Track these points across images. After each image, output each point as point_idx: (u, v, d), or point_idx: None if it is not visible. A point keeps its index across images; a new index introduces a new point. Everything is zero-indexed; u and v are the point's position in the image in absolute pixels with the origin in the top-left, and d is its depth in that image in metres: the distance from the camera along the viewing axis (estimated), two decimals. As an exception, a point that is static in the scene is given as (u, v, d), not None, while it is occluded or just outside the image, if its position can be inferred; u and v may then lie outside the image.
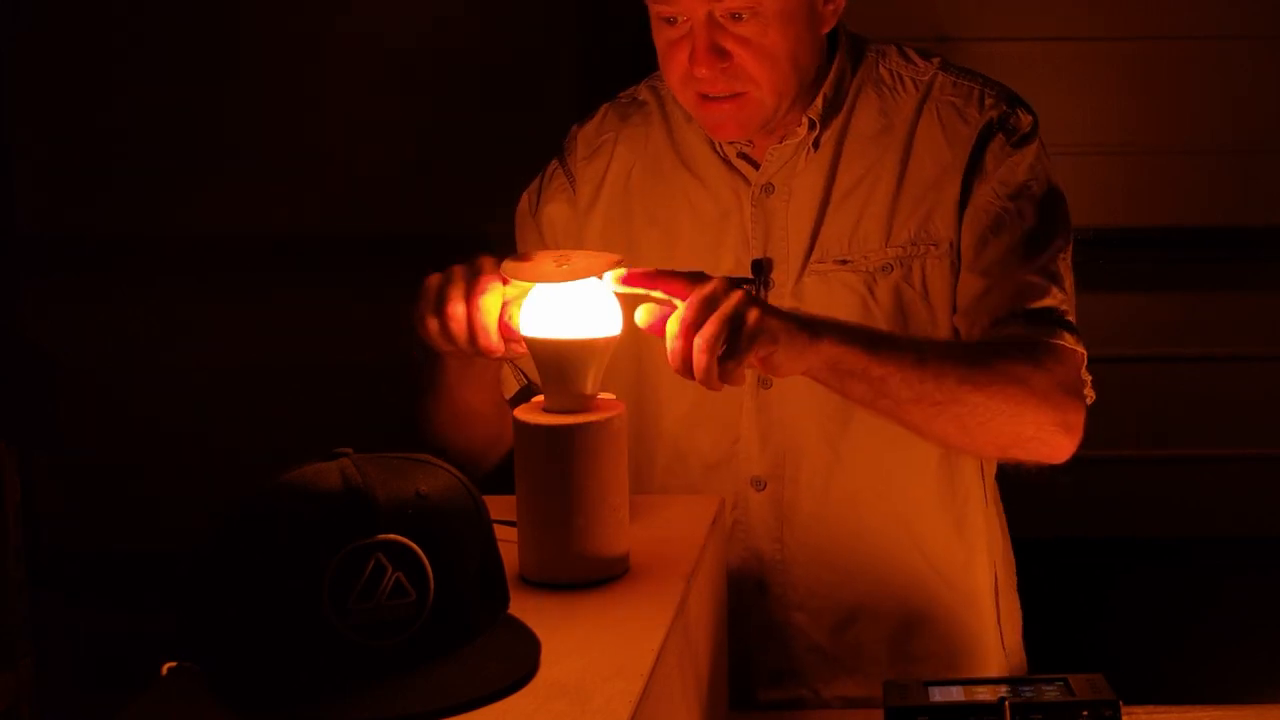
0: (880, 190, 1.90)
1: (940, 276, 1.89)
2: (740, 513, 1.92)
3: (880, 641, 1.96)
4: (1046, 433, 1.78)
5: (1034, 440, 1.78)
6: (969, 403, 1.72)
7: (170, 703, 1.24)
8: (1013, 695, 1.61)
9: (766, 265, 1.92)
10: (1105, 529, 3.44)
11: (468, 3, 3.38)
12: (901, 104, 1.92)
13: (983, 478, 1.99)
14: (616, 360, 1.58)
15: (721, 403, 1.89)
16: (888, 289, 1.88)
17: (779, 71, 1.82)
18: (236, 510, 1.23)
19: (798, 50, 1.83)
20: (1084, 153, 3.29)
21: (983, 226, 1.87)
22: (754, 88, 1.82)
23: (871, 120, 1.92)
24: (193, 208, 3.36)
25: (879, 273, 1.88)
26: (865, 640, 1.95)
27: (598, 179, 2.00)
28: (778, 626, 1.95)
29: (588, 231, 1.98)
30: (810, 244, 1.90)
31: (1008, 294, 1.84)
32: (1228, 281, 3.41)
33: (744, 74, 1.81)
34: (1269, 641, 2.64)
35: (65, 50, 3.38)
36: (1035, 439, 1.78)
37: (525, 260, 1.59)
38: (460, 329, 1.62)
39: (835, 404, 1.88)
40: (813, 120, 1.90)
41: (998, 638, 2.02)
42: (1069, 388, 1.80)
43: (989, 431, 1.76)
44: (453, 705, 1.20)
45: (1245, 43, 3.35)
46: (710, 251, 1.93)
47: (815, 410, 1.90)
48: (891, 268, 1.88)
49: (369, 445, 1.28)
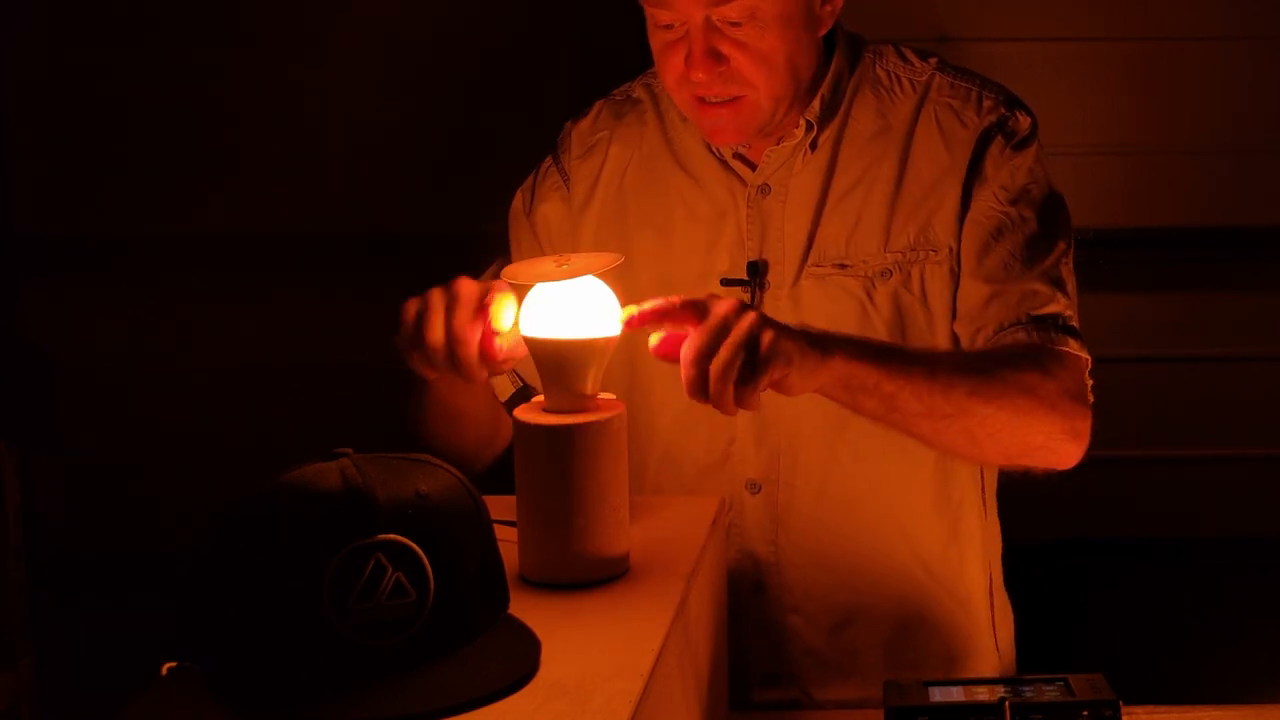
0: (877, 193, 1.89)
1: (939, 283, 1.88)
2: (735, 515, 1.92)
3: (875, 644, 1.95)
4: (1055, 441, 1.77)
5: (1042, 449, 1.78)
6: (978, 415, 1.72)
7: (170, 703, 1.24)
8: (1013, 695, 1.61)
9: (762, 267, 1.91)
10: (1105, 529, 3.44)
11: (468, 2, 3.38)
12: (899, 105, 1.92)
13: (980, 481, 1.98)
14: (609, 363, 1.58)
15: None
16: (887, 295, 1.88)
17: (776, 75, 1.81)
18: (236, 510, 1.23)
19: (795, 53, 1.82)
20: (1084, 153, 3.29)
21: (984, 232, 1.86)
22: (751, 91, 1.81)
23: (869, 121, 1.92)
24: (192, 207, 3.36)
25: (878, 278, 1.88)
26: (860, 643, 1.95)
27: (592, 177, 1.99)
28: (772, 628, 1.95)
29: (582, 231, 1.98)
30: (807, 246, 1.90)
31: (1011, 301, 1.83)
32: (1228, 281, 3.41)
33: (741, 78, 1.80)
34: (1269, 641, 2.64)
35: (65, 50, 3.38)
36: (1044, 448, 1.78)
37: (525, 262, 1.59)
38: (441, 357, 1.61)
39: (830, 407, 1.88)
40: (810, 122, 1.90)
41: (992, 639, 2.02)
42: (1075, 395, 1.79)
43: (998, 442, 1.76)
44: (453, 705, 1.20)
45: (1245, 43, 3.35)
46: (705, 252, 1.93)
47: (810, 413, 1.90)
48: (890, 273, 1.87)
49: (369, 445, 1.28)
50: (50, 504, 3.42)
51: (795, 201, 1.91)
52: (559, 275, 1.52)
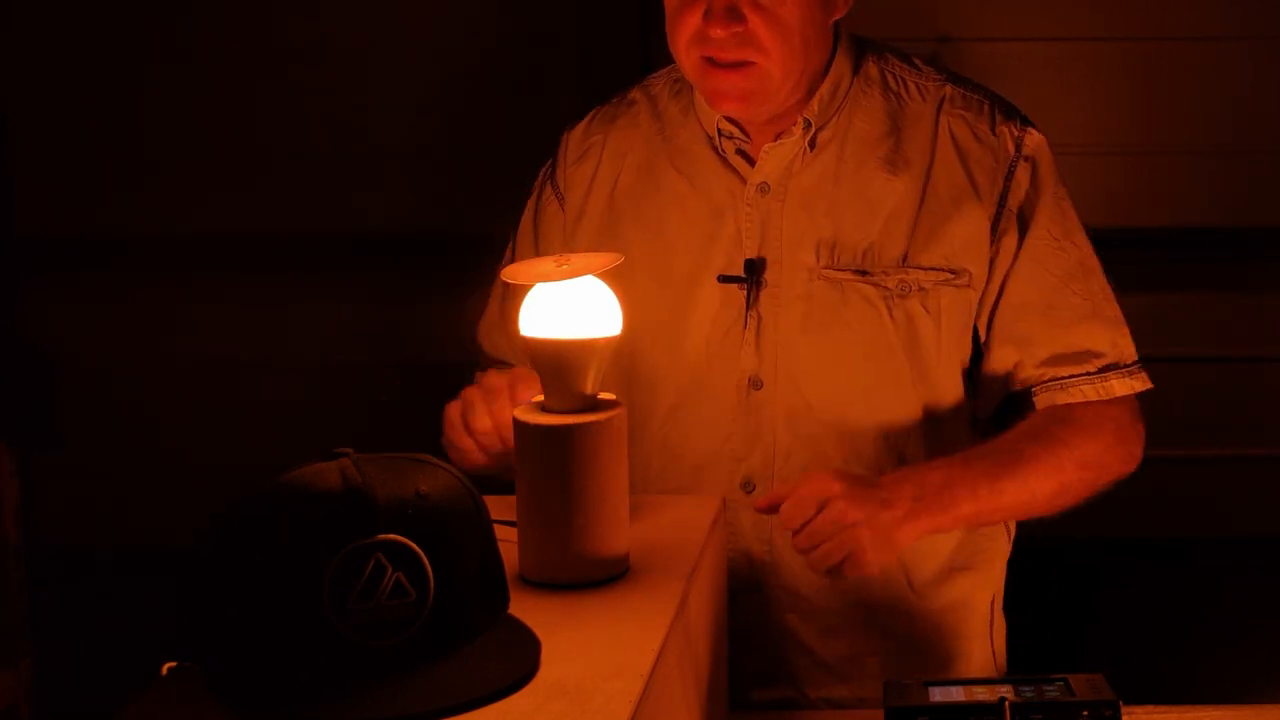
0: (896, 202, 1.89)
1: (958, 306, 1.89)
2: (730, 514, 1.92)
3: (871, 644, 1.96)
4: (1116, 475, 1.92)
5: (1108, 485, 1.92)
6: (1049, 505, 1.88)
7: (170, 703, 1.24)
8: (1013, 695, 1.61)
9: (760, 265, 1.91)
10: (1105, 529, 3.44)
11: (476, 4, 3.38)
12: (908, 110, 1.92)
13: None
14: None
15: (711, 403, 1.90)
16: (905, 311, 1.88)
17: (789, 44, 1.82)
18: (236, 510, 1.23)
19: (808, 28, 1.83)
20: (1084, 153, 3.29)
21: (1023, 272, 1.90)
22: (762, 58, 1.82)
23: (876, 124, 1.92)
24: (193, 208, 3.36)
25: (898, 292, 1.88)
26: (854, 645, 1.96)
27: (586, 182, 2.00)
28: (766, 628, 1.95)
29: (579, 234, 1.99)
30: (815, 247, 1.90)
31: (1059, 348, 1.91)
32: (1228, 281, 3.41)
33: (755, 41, 1.80)
34: (1269, 641, 2.64)
35: (66, 50, 3.38)
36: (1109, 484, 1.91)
37: (525, 262, 1.60)
38: (492, 440, 1.79)
39: (824, 410, 1.89)
40: (808, 120, 1.90)
41: (988, 642, 2.03)
42: (1127, 429, 1.91)
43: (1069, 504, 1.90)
44: (453, 705, 1.20)
45: (1245, 43, 3.35)
46: (701, 250, 1.93)
47: (804, 415, 1.90)
48: (911, 290, 1.88)
49: (369, 445, 1.28)
50: (50, 504, 3.42)
51: (796, 201, 1.91)
52: (559, 275, 1.53)
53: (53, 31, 3.38)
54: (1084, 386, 1.90)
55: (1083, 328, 1.91)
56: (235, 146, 3.38)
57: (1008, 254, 1.90)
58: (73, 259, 3.43)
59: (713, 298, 1.92)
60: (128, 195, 3.39)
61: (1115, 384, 1.91)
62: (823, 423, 1.90)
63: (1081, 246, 1.93)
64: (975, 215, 1.89)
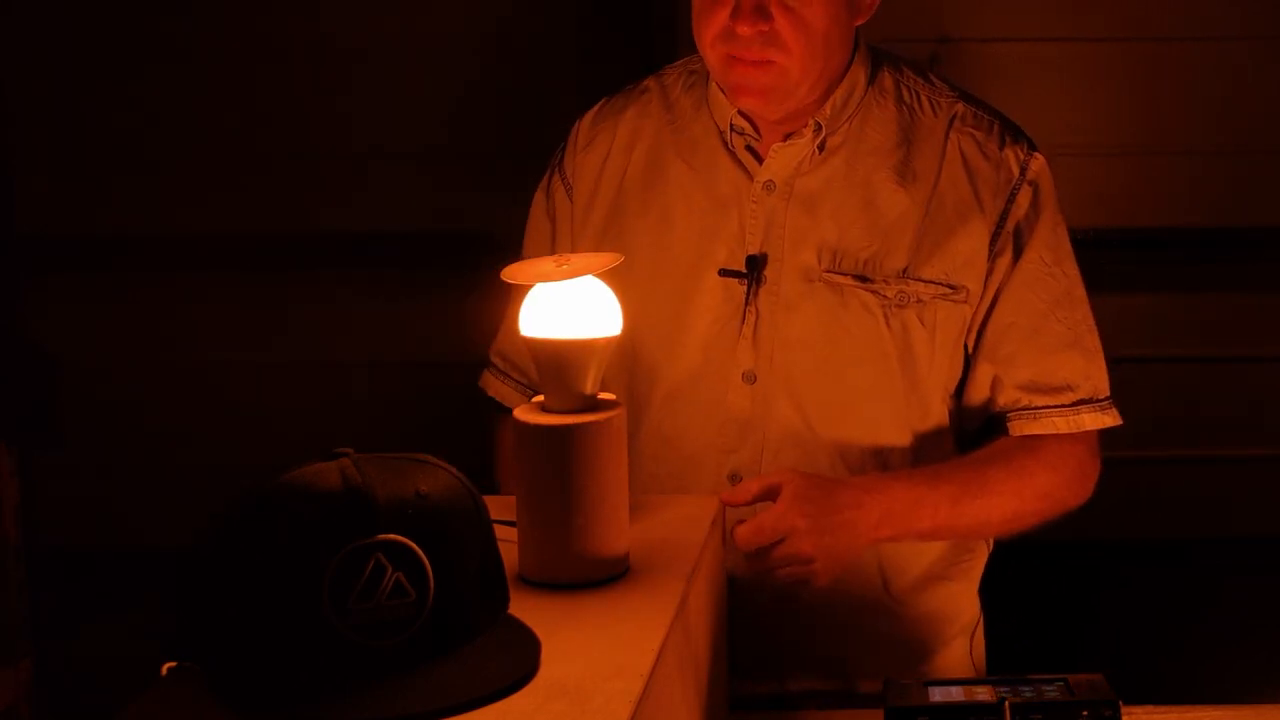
0: (901, 213, 1.91)
1: (952, 320, 1.91)
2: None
3: (858, 640, 1.97)
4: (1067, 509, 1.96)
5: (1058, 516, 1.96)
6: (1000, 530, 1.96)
7: (170, 703, 1.24)
8: (1013, 695, 1.61)
9: (761, 261, 1.92)
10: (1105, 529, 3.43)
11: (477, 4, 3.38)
12: (921, 124, 1.93)
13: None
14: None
15: (706, 394, 1.91)
16: (901, 321, 1.90)
17: (812, 46, 1.83)
18: (236, 510, 1.23)
19: (832, 31, 1.84)
20: (1084, 153, 3.29)
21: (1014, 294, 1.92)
22: (785, 58, 1.83)
23: (888, 135, 1.93)
24: (193, 208, 3.36)
25: (896, 302, 1.89)
26: (835, 638, 1.97)
27: (595, 170, 2.01)
28: (758, 623, 1.95)
29: (589, 222, 2.00)
30: (817, 250, 1.91)
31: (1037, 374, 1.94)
32: (1228, 281, 3.40)
33: (780, 41, 1.82)
34: (1269, 641, 2.64)
35: (65, 50, 3.38)
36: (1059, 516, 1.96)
37: (525, 262, 1.60)
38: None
39: (811, 406, 1.90)
40: (819, 123, 1.91)
41: (967, 647, 2.05)
42: (1087, 464, 1.96)
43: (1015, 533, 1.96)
44: (453, 705, 1.20)
45: (1245, 43, 3.35)
46: (704, 242, 1.94)
47: (790, 413, 1.91)
48: (909, 301, 1.89)
49: (369, 445, 1.28)
50: (50, 504, 3.42)
51: (801, 202, 1.92)
52: (559, 275, 1.53)
53: (53, 31, 3.38)
54: (1056, 419, 1.94)
55: (1062, 356, 1.94)
56: (235, 146, 3.38)
57: (1000, 274, 1.93)
58: (73, 259, 3.43)
59: (714, 290, 1.93)
60: (128, 195, 3.39)
61: (1086, 418, 1.95)
62: (812, 423, 1.91)
63: (1070, 275, 1.96)
64: (977, 232, 1.91)
